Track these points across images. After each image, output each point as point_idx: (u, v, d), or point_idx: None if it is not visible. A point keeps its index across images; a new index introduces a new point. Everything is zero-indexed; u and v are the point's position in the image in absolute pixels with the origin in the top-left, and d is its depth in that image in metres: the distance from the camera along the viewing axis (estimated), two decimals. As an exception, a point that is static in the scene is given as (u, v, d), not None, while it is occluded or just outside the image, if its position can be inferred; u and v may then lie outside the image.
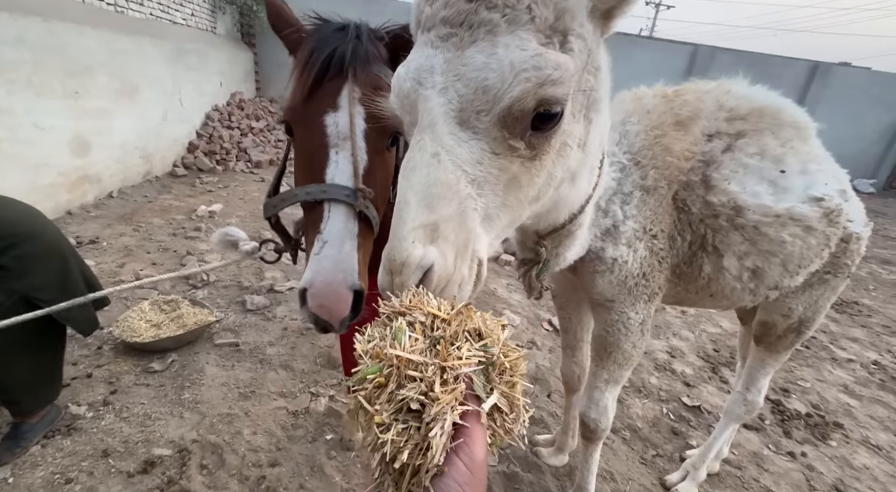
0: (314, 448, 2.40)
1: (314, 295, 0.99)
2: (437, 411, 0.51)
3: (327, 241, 1.03)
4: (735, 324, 4.52)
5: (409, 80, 0.73)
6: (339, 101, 1.14)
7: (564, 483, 2.35)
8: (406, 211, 0.65)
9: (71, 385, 2.58)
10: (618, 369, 1.78)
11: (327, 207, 1.08)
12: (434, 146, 0.68)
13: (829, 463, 2.79)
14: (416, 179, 0.66)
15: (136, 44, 5.91)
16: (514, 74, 0.67)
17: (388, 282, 0.66)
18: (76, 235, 4.43)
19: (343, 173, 1.11)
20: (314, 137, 1.14)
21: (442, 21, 0.71)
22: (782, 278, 1.59)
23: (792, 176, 1.50)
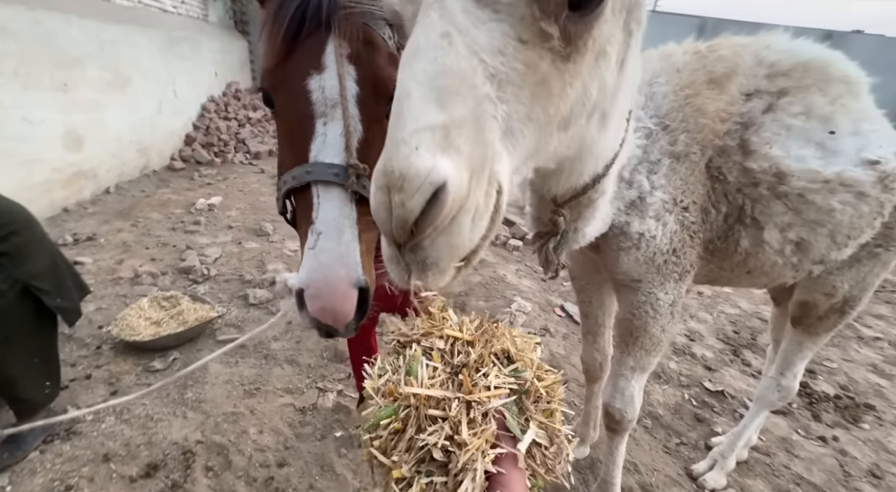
0: (323, 446, 2.30)
1: (313, 297, 0.85)
2: (467, 460, 0.43)
3: (322, 231, 0.88)
4: (754, 304, 4.37)
5: None
6: (323, 60, 0.94)
7: (587, 476, 2.24)
8: (407, 106, 0.49)
9: (69, 387, 2.49)
10: (645, 355, 1.65)
11: (315, 190, 0.91)
12: (443, 25, 0.51)
13: (863, 447, 2.66)
14: (420, 65, 0.50)
15: (125, 33, 5.72)
16: None
17: (385, 203, 0.49)
18: (73, 231, 4.32)
19: (332, 148, 0.92)
20: (296, 107, 0.95)
21: None
22: (829, 251, 1.44)
23: (842, 137, 1.33)
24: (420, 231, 0.50)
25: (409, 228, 0.50)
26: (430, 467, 0.45)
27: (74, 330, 2.95)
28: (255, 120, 8.78)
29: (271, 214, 5.42)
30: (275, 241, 4.67)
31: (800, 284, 1.75)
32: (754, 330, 3.89)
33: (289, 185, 0.94)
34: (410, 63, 0.51)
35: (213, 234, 4.70)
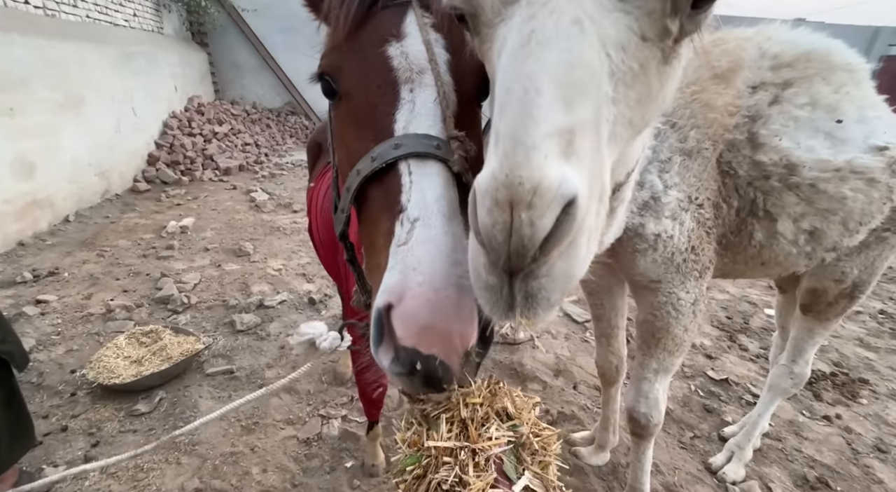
0: (334, 479, 2.16)
1: (412, 314, 0.55)
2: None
3: (418, 218, 0.61)
4: (741, 288, 4.47)
5: None
6: (403, 27, 0.75)
7: (611, 483, 2.18)
8: (538, 104, 0.41)
9: (44, 443, 2.25)
10: (668, 356, 1.61)
11: (407, 168, 0.66)
12: (574, 8, 0.43)
13: (865, 422, 2.72)
14: (551, 55, 0.42)
15: (74, 50, 5.35)
16: None
17: (505, 223, 0.41)
18: (32, 267, 3.98)
19: (425, 117, 0.70)
20: (372, 76, 0.74)
21: None
22: (842, 238, 1.45)
23: (849, 125, 1.34)
24: (544, 253, 0.43)
25: (533, 253, 0.42)
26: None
27: (43, 378, 2.69)
28: (222, 134, 8.42)
29: (249, 232, 5.19)
30: (256, 260, 4.45)
31: (809, 271, 1.76)
32: (746, 314, 3.98)
33: (366, 171, 0.69)
34: (537, 52, 0.42)
35: (189, 258, 4.44)
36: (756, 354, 3.37)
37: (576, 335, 3.48)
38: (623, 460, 2.31)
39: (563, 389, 2.85)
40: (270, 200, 6.28)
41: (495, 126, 0.45)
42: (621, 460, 2.31)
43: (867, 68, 1.47)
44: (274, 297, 3.73)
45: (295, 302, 3.73)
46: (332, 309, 3.65)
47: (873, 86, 1.49)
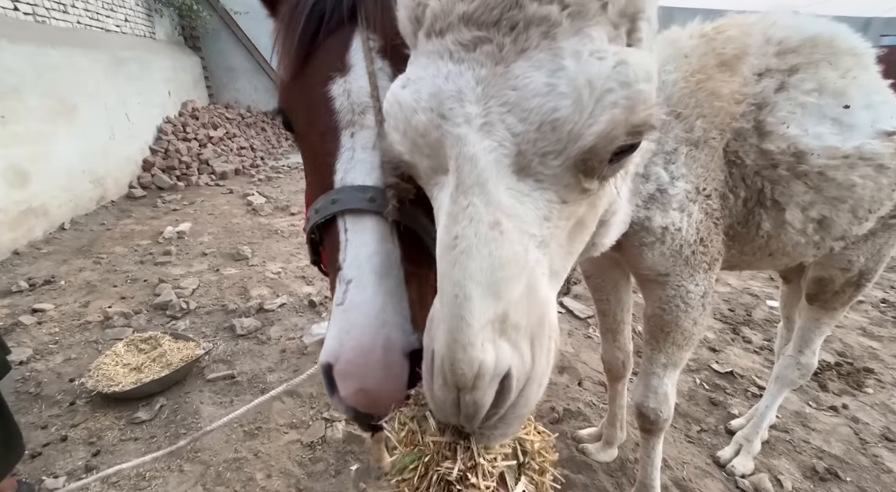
0: (340, 483, 2.13)
1: (345, 374, 0.62)
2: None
3: (351, 279, 0.65)
4: (742, 280, 4.47)
5: (425, 110, 0.51)
6: (348, 58, 0.74)
7: (620, 480, 2.16)
8: (468, 309, 0.47)
9: (42, 454, 2.21)
10: (677, 350, 1.59)
11: (343, 224, 0.70)
12: (491, 213, 0.48)
13: (872, 412, 2.71)
14: (475, 264, 0.47)
15: (65, 57, 5.30)
16: (594, 99, 0.47)
17: (452, 403, 0.51)
18: (27, 276, 3.94)
19: (362, 165, 0.71)
20: (316, 121, 0.75)
21: (463, 19, 0.49)
22: (851, 226, 1.43)
23: (857, 111, 1.31)
24: (489, 416, 0.52)
25: (480, 418, 0.52)
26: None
27: (41, 387, 2.65)
28: (217, 138, 8.38)
29: (247, 236, 5.15)
30: (255, 264, 4.42)
31: (814, 260, 1.74)
32: (748, 306, 3.96)
33: (312, 222, 0.73)
34: (463, 261, 0.47)
35: (187, 263, 4.40)
36: (760, 346, 3.36)
37: (578, 331, 3.46)
38: (631, 455, 2.29)
39: (567, 385, 2.83)
40: (267, 204, 6.25)
41: (439, 299, 0.51)
42: (629, 456, 2.29)
43: (872, 52, 1.45)
44: (273, 300, 3.70)
45: (295, 305, 3.70)
46: (333, 311, 3.62)
47: (879, 70, 1.47)
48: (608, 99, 0.47)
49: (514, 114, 0.48)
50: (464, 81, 0.50)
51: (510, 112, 0.49)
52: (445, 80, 0.50)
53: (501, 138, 0.49)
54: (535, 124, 0.48)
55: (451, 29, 0.50)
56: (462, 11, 0.48)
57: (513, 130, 0.49)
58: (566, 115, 0.47)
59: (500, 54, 0.48)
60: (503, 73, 0.48)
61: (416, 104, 0.52)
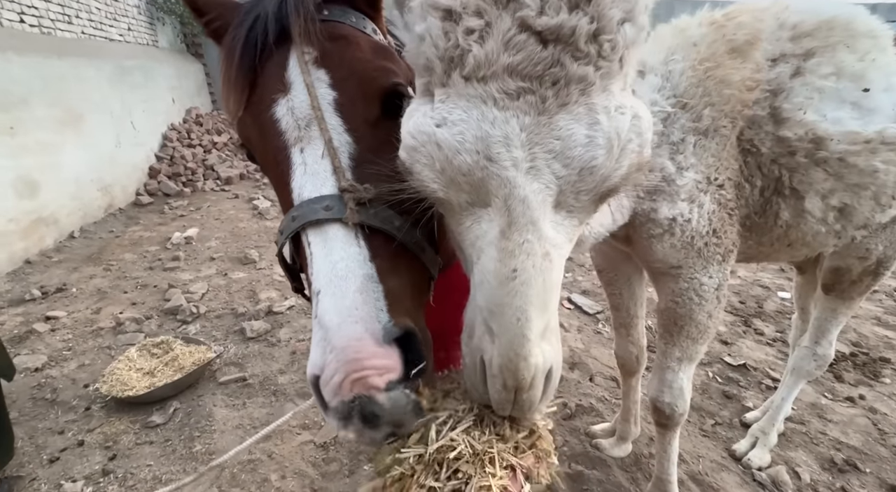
0: (354, 482, 2.13)
1: (328, 379, 0.61)
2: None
3: (320, 289, 0.65)
4: (752, 272, 4.42)
5: (470, 152, 0.56)
6: (287, 77, 0.75)
7: (635, 475, 2.15)
8: (528, 327, 0.56)
9: (60, 459, 2.24)
10: (692, 344, 1.57)
11: (306, 239, 0.70)
12: (542, 247, 0.57)
13: (889, 402, 2.67)
14: (532, 291, 0.56)
15: (71, 67, 5.36)
16: (621, 149, 0.57)
17: (510, 398, 0.61)
18: (40, 284, 3.99)
19: (315, 177, 0.71)
20: (268, 145, 0.76)
21: (507, 70, 0.53)
22: (873, 214, 1.39)
23: (877, 94, 1.27)
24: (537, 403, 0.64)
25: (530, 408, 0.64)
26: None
27: (57, 393, 2.68)
28: (222, 144, 8.43)
29: (254, 239, 5.18)
30: (263, 267, 4.44)
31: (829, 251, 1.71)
32: (759, 298, 3.92)
33: (280, 244, 0.74)
34: (522, 290, 0.55)
35: (196, 268, 4.43)
36: (773, 338, 3.32)
37: (588, 327, 3.45)
38: (645, 450, 2.28)
39: (579, 381, 2.81)
40: (273, 207, 6.27)
41: (485, 315, 0.59)
42: (644, 451, 2.27)
43: (891, 34, 1.42)
44: (282, 303, 3.71)
45: (304, 307, 3.71)
46: (342, 312, 3.63)
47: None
48: (629, 147, 0.57)
49: (558, 160, 0.55)
50: (510, 128, 0.54)
51: (555, 159, 0.55)
52: (492, 125, 0.54)
53: (548, 181, 0.56)
54: (577, 170, 0.56)
55: (495, 77, 0.54)
56: (507, 63, 0.52)
57: (557, 174, 0.56)
58: (601, 162, 0.56)
59: (542, 105, 0.54)
60: (547, 123, 0.54)
61: (459, 146, 0.56)
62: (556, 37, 0.52)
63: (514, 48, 0.52)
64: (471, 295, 0.65)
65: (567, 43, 0.52)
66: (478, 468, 0.59)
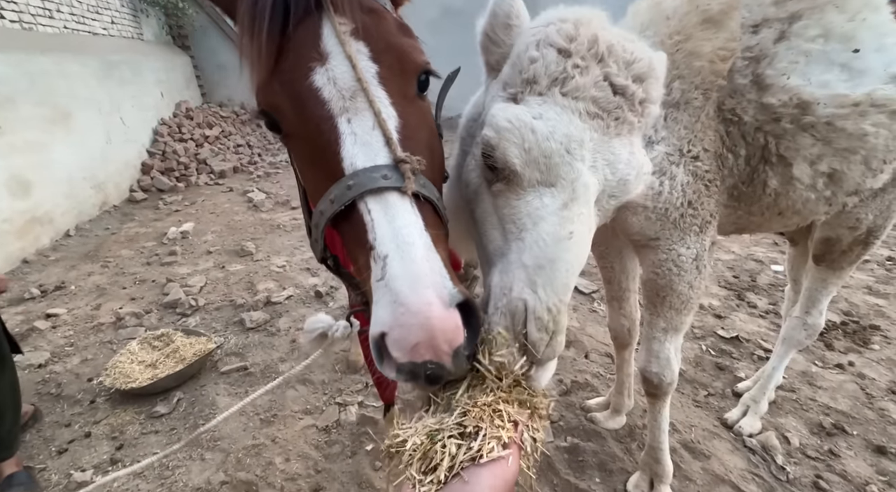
0: (357, 463, 2.19)
1: (401, 339, 0.64)
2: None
3: (387, 254, 0.67)
4: (746, 246, 4.45)
5: (556, 142, 0.75)
6: (323, 46, 0.74)
7: (629, 445, 2.21)
8: (572, 280, 0.75)
9: (69, 450, 2.29)
10: (675, 314, 1.60)
11: (365, 206, 0.71)
12: (590, 221, 0.77)
13: (878, 367, 2.73)
14: (581, 251, 0.76)
15: (55, 63, 5.28)
16: (641, 176, 0.82)
17: (547, 341, 0.74)
18: (38, 283, 4.01)
19: (368, 147, 0.72)
20: (307, 117, 0.75)
21: (592, 99, 0.76)
22: (864, 179, 1.37)
23: (867, 54, 1.25)
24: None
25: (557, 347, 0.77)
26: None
27: (62, 388, 2.73)
28: (213, 138, 8.37)
29: (250, 232, 5.19)
30: (259, 259, 4.46)
31: (823, 220, 1.72)
32: (752, 272, 3.96)
33: (328, 213, 0.73)
34: (574, 248, 0.74)
35: (193, 262, 4.45)
36: (765, 311, 3.37)
37: (584, 306, 3.49)
38: (639, 421, 2.34)
39: (574, 358, 2.86)
40: (268, 199, 6.27)
41: (530, 270, 0.74)
42: (637, 422, 2.33)
43: None
44: (280, 293, 3.74)
45: (302, 296, 3.75)
46: (340, 300, 3.67)
47: (892, 11, 1.41)
48: (643, 177, 0.82)
49: (610, 169, 0.78)
50: (585, 136, 0.76)
51: (608, 166, 0.78)
52: (575, 129, 0.76)
53: (599, 178, 0.78)
54: (618, 179, 0.79)
55: (582, 99, 0.76)
56: (593, 95, 0.76)
57: (606, 176, 0.78)
58: (631, 179, 0.80)
59: (606, 130, 0.77)
60: (607, 142, 0.78)
61: (550, 135, 0.75)
62: (622, 92, 0.77)
63: (599, 88, 0.76)
64: (504, 261, 0.79)
65: (627, 98, 0.77)
66: (488, 422, 0.63)
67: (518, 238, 0.77)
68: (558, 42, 0.78)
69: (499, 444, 0.60)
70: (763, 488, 2.00)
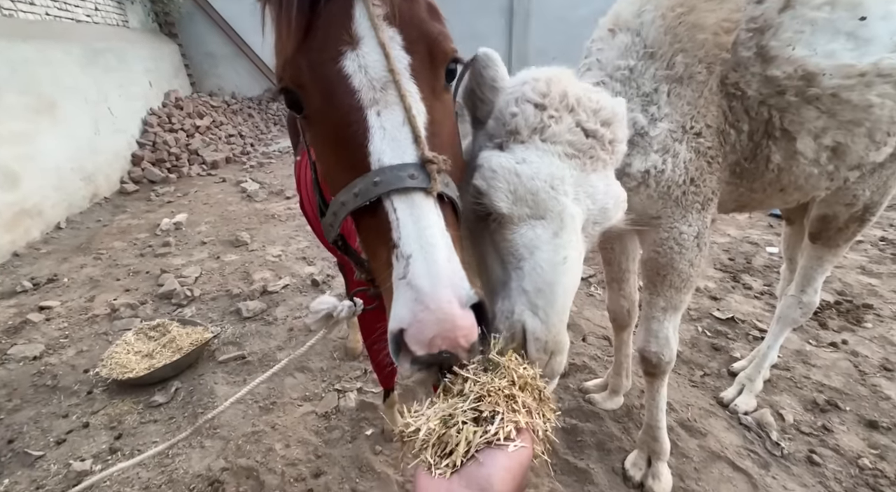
0: (356, 447, 2.20)
1: (419, 334, 0.66)
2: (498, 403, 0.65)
3: (411, 253, 0.68)
4: (742, 229, 4.47)
5: (541, 180, 0.84)
6: (354, 28, 0.71)
7: (627, 425, 2.23)
8: (568, 302, 0.84)
9: (67, 440, 2.28)
10: (675, 293, 1.60)
11: (391, 205, 0.71)
12: (578, 247, 0.84)
13: (871, 345, 2.76)
14: (575, 274, 0.84)
15: (38, 51, 5.14)
16: (619, 203, 0.92)
17: (545, 362, 0.83)
18: (30, 276, 3.96)
19: (397, 144, 0.71)
20: (336, 101, 0.72)
21: (568, 143, 0.87)
22: (867, 152, 1.35)
23: (874, 22, 1.22)
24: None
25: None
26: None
27: (58, 380, 2.71)
28: (204, 128, 8.23)
29: (244, 222, 5.14)
30: (255, 249, 4.42)
31: (818, 199, 1.71)
32: (748, 254, 3.98)
33: (351, 206, 0.73)
34: (569, 273, 0.82)
35: (187, 253, 4.41)
36: (760, 292, 3.39)
37: (580, 290, 3.49)
38: (637, 402, 2.36)
39: (572, 341, 2.87)
40: (262, 189, 6.20)
41: (531, 295, 0.82)
42: (635, 403, 2.35)
43: None
44: (277, 282, 3.72)
45: (298, 285, 3.73)
46: (336, 289, 3.65)
47: None
48: (621, 206, 0.92)
49: (591, 199, 0.88)
50: (566, 174, 0.86)
51: (589, 198, 0.87)
52: (556, 169, 0.86)
53: (583, 209, 0.87)
54: (599, 207, 0.89)
55: (560, 143, 0.87)
56: (568, 139, 0.87)
57: (588, 207, 0.87)
58: (610, 206, 0.90)
59: (583, 167, 0.88)
60: (585, 177, 0.88)
61: (534, 175, 0.84)
62: (593, 135, 0.89)
63: (573, 132, 0.88)
64: (506, 289, 0.87)
65: (598, 139, 0.89)
66: (504, 406, 0.63)
67: (517, 267, 0.85)
68: (534, 98, 0.90)
69: (515, 427, 0.61)
70: (758, 463, 2.03)
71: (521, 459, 0.59)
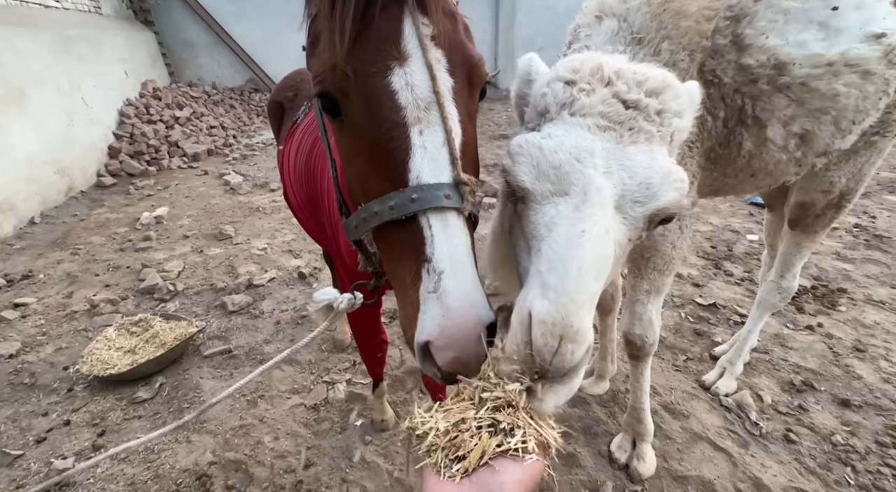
0: (346, 438, 2.21)
1: (444, 348, 0.70)
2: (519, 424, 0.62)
3: (444, 270, 0.71)
4: (723, 218, 4.56)
5: (565, 153, 0.77)
6: (403, 45, 0.74)
7: (612, 409, 2.28)
8: (585, 278, 0.66)
9: (48, 438, 2.23)
10: (658, 276, 1.63)
11: (427, 222, 0.74)
12: (605, 222, 0.72)
13: (844, 327, 2.86)
14: (595, 250, 0.69)
15: (4, 37, 4.91)
16: (668, 181, 0.77)
17: (553, 348, 0.64)
18: (3, 272, 3.83)
19: (436, 164, 0.74)
20: (381, 115, 0.74)
21: (600, 114, 0.79)
22: (833, 139, 1.40)
23: (846, 12, 1.24)
24: (571, 371, 0.68)
25: (566, 370, 0.66)
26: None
27: (35, 378, 2.64)
28: (184, 119, 8.01)
29: (228, 215, 5.04)
30: (239, 242, 4.35)
31: (796, 185, 1.75)
32: (729, 242, 4.07)
33: (386, 217, 0.76)
34: (586, 246, 0.68)
35: (169, 247, 4.31)
36: (741, 278, 3.48)
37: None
38: (622, 386, 2.41)
39: (559, 330, 2.91)
40: (245, 182, 6.08)
41: (544, 274, 0.69)
42: (620, 388, 2.40)
43: None
44: (262, 275, 3.67)
45: (284, 278, 3.68)
46: (324, 281, 3.62)
47: None
48: (674, 184, 0.77)
49: (627, 173, 0.76)
50: (596, 146, 0.77)
51: (624, 171, 0.76)
52: (584, 141, 0.77)
53: (615, 183, 0.75)
54: (638, 182, 0.76)
55: (591, 115, 0.79)
56: (601, 110, 0.79)
57: (623, 181, 0.76)
58: (655, 182, 0.76)
59: (620, 139, 0.78)
60: (622, 149, 0.77)
61: (558, 148, 0.77)
62: (635, 105, 0.79)
63: (607, 103, 0.79)
64: (528, 276, 0.78)
65: (641, 110, 0.79)
66: (524, 421, 0.63)
67: (537, 249, 0.77)
68: (564, 75, 0.85)
69: (534, 443, 0.61)
70: (738, 443, 2.10)
71: (534, 472, 0.59)
